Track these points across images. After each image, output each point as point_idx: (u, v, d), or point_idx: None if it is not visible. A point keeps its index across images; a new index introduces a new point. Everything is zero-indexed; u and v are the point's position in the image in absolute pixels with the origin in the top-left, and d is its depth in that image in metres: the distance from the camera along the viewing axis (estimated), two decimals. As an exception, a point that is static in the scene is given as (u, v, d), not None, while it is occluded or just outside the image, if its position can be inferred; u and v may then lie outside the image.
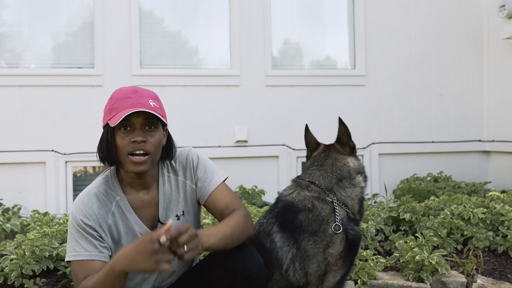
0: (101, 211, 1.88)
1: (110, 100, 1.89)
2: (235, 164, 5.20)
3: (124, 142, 1.83)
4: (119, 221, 1.91)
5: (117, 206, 1.91)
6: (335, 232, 2.07)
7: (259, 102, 5.33)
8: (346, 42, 5.66)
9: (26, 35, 5.05)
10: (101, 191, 1.92)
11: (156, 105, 1.86)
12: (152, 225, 1.97)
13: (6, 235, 3.25)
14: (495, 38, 5.65)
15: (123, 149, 1.83)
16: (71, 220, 1.87)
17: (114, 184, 1.94)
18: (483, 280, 2.85)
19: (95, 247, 1.84)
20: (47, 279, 2.66)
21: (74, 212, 1.87)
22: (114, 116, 1.82)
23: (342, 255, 2.07)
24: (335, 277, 2.08)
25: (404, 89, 5.66)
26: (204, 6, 5.35)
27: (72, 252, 1.84)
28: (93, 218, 1.86)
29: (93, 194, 1.91)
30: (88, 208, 1.87)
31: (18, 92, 4.87)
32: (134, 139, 1.82)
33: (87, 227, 1.84)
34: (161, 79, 5.11)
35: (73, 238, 1.85)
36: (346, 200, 2.16)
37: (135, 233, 1.92)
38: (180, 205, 2.01)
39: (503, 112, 5.61)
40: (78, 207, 1.87)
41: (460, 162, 5.71)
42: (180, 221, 2.00)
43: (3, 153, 4.79)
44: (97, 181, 1.96)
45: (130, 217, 1.92)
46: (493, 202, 3.45)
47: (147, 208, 1.96)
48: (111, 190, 1.93)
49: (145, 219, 1.95)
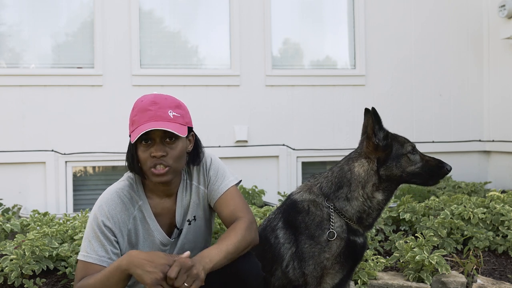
0: (123, 215, 1.87)
1: (133, 111, 1.87)
2: (235, 164, 5.20)
3: (145, 156, 1.83)
4: (140, 225, 1.91)
5: (139, 210, 1.90)
6: (329, 239, 2.03)
7: (259, 102, 5.33)
8: (346, 42, 5.66)
9: (26, 35, 5.05)
10: (126, 194, 1.90)
11: (176, 115, 1.84)
12: (169, 230, 1.97)
13: (6, 235, 3.25)
14: (495, 38, 5.64)
15: (145, 163, 1.84)
16: (92, 219, 1.85)
17: (138, 188, 1.93)
18: (483, 280, 2.85)
19: (106, 252, 1.82)
20: (47, 279, 2.65)
21: (96, 211, 1.85)
22: (135, 130, 1.82)
23: (338, 260, 2.04)
24: (333, 279, 2.07)
25: (404, 89, 5.66)
26: (204, 6, 5.35)
27: (82, 251, 1.83)
28: (115, 220, 1.84)
29: (118, 196, 1.88)
30: (112, 209, 1.85)
31: (18, 92, 4.87)
32: (154, 154, 1.82)
33: (106, 229, 1.83)
34: (161, 79, 5.11)
35: (87, 237, 1.84)
36: (343, 212, 2.08)
37: (153, 239, 1.92)
38: (193, 211, 2.02)
39: (503, 112, 5.60)
40: (101, 208, 1.85)
41: (460, 162, 5.71)
42: (191, 225, 2.01)
43: (3, 153, 4.79)
44: (122, 182, 1.94)
45: (151, 222, 1.92)
46: (493, 202, 3.45)
47: (167, 214, 1.97)
48: (135, 194, 1.91)
49: (163, 225, 1.96)
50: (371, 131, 2.08)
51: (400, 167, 2.08)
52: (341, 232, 2.06)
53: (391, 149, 2.09)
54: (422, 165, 2.10)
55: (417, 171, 2.09)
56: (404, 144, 2.12)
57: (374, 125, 2.07)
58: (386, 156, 2.08)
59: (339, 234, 2.05)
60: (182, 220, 1.99)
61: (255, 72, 5.32)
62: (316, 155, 5.40)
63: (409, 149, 2.11)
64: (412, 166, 2.09)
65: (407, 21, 5.69)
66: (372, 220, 2.12)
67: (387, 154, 2.08)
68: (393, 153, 2.09)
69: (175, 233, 1.97)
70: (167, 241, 1.94)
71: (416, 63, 5.70)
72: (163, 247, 1.94)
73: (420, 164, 2.10)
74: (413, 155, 2.11)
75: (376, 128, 2.08)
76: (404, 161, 2.08)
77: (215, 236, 3.03)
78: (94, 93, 4.98)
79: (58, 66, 5.04)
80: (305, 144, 5.40)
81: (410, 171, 2.08)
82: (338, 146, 5.38)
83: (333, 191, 2.11)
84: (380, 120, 2.09)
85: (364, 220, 2.10)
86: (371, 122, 2.07)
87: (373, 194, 2.08)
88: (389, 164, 2.08)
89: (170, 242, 1.96)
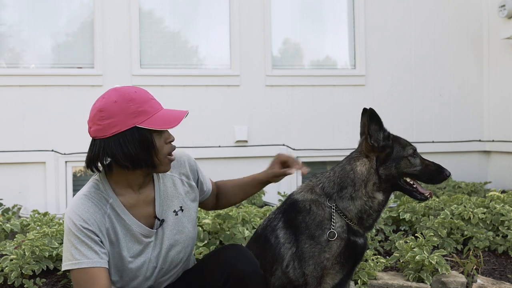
0: (98, 215, 1.85)
1: (133, 102, 1.81)
2: (235, 164, 5.20)
3: (162, 143, 1.85)
4: (116, 223, 1.89)
5: (111, 208, 1.88)
6: (330, 239, 2.04)
7: (259, 102, 5.33)
8: (346, 42, 5.66)
9: (26, 35, 5.05)
10: (93, 195, 1.87)
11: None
12: (148, 222, 1.96)
13: (6, 235, 3.25)
14: (495, 38, 5.65)
15: (162, 150, 1.85)
16: (69, 227, 1.81)
17: (105, 187, 1.90)
18: (483, 280, 2.85)
19: (96, 253, 1.79)
20: (47, 279, 2.65)
21: (71, 218, 1.81)
22: (150, 118, 1.81)
23: (339, 260, 2.05)
24: (334, 279, 2.07)
25: (404, 89, 5.67)
26: (204, 6, 5.35)
27: (72, 261, 1.78)
28: (92, 222, 1.82)
29: (87, 199, 1.86)
30: (85, 212, 1.82)
31: (18, 92, 4.87)
32: (170, 139, 1.88)
33: (88, 232, 1.80)
34: (161, 79, 5.11)
35: (72, 245, 1.79)
36: (345, 212, 2.09)
37: (133, 232, 1.91)
38: (176, 201, 2.01)
39: (503, 112, 5.61)
40: (74, 213, 1.82)
41: (460, 162, 5.71)
42: (178, 216, 2.00)
43: (3, 153, 4.79)
44: (87, 186, 1.91)
45: (125, 217, 1.90)
46: (493, 202, 3.45)
47: (142, 206, 1.94)
48: (102, 193, 1.89)
49: (141, 217, 1.94)
50: (367, 132, 2.10)
51: (399, 169, 2.09)
52: (342, 232, 2.06)
53: (391, 150, 2.11)
54: (421, 169, 2.11)
55: (416, 173, 2.11)
56: (405, 147, 2.13)
57: (369, 125, 2.08)
58: (386, 156, 2.10)
59: (340, 234, 2.05)
60: (162, 211, 1.97)
61: (255, 72, 5.32)
62: (316, 155, 5.40)
63: (410, 152, 2.11)
64: (411, 169, 2.10)
65: (407, 21, 5.70)
66: (372, 221, 2.13)
67: (387, 155, 2.10)
68: (393, 154, 2.11)
69: (156, 223, 1.96)
70: (148, 232, 1.92)
71: (416, 63, 5.70)
72: (146, 239, 1.92)
73: (420, 168, 2.11)
74: (414, 158, 2.12)
75: (372, 129, 2.09)
76: (404, 163, 2.09)
77: (215, 236, 3.03)
78: (94, 93, 4.94)
79: (58, 66, 5.05)
80: (305, 144, 5.40)
81: (409, 172, 2.10)
82: (338, 146, 5.38)
83: (337, 191, 2.11)
84: (380, 121, 2.10)
85: (365, 221, 2.11)
86: (367, 123, 2.09)
87: (374, 194, 2.09)
88: (389, 165, 2.09)
89: (153, 233, 1.94)
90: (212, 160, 5.15)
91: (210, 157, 5.13)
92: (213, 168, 5.10)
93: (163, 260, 1.97)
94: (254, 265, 1.91)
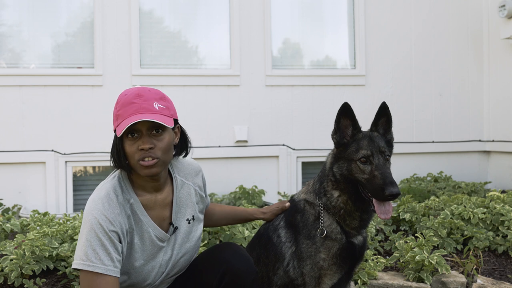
0: (123, 216, 1.82)
1: (116, 105, 1.84)
2: (235, 164, 5.20)
3: (132, 149, 1.80)
4: (134, 224, 1.87)
5: (131, 209, 1.87)
6: (320, 236, 2.03)
7: (259, 102, 5.33)
8: (346, 42, 5.66)
9: (26, 35, 5.05)
10: (119, 194, 1.84)
11: (161, 106, 1.82)
12: (163, 226, 1.95)
13: (6, 235, 3.25)
14: (495, 38, 5.65)
15: (133, 156, 1.81)
16: (92, 227, 1.75)
17: (127, 186, 1.89)
18: (483, 280, 2.85)
19: (112, 260, 1.74)
20: (47, 279, 2.65)
21: (97, 218, 1.75)
22: (120, 123, 1.79)
23: (335, 261, 2.05)
24: (332, 280, 2.08)
25: (404, 89, 5.67)
26: (204, 6, 5.35)
27: (86, 261, 1.72)
28: (117, 224, 1.78)
29: (113, 198, 1.82)
30: (111, 212, 1.78)
31: (18, 92, 4.87)
32: (141, 147, 1.79)
33: (112, 233, 1.75)
34: (161, 79, 5.11)
35: (90, 245, 1.73)
36: (329, 209, 2.07)
37: (149, 235, 1.90)
38: (190, 210, 2.03)
39: (503, 112, 5.61)
40: (100, 212, 1.77)
41: (460, 162, 5.71)
42: (190, 225, 2.01)
43: (3, 153, 4.79)
44: (111, 182, 1.88)
45: (144, 219, 1.89)
46: (493, 202, 3.45)
47: (158, 208, 1.94)
48: (124, 193, 1.87)
49: (156, 220, 1.94)
50: (335, 125, 2.07)
51: (351, 171, 2.00)
52: (332, 230, 2.06)
53: (345, 149, 2.04)
54: (367, 178, 1.96)
55: (362, 182, 1.98)
56: (360, 150, 2.00)
57: (339, 119, 2.05)
58: (339, 154, 2.06)
59: (329, 233, 2.05)
60: (176, 218, 1.98)
61: (255, 72, 5.32)
62: (316, 155, 5.40)
63: (360, 156, 1.99)
64: (359, 175, 1.98)
65: (407, 21, 5.70)
66: (358, 223, 2.07)
67: (340, 153, 2.06)
68: (346, 154, 2.03)
69: (170, 229, 1.96)
70: (163, 236, 1.92)
71: (416, 63, 5.70)
72: (160, 243, 1.92)
73: (367, 177, 1.97)
74: (364, 164, 1.98)
75: (341, 124, 2.05)
76: (354, 167, 2.00)
77: (215, 236, 3.04)
78: (94, 93, 4.98)
79: (58, 66, 5.04)
80: (305, 144, 5.40)
81: (358, 178, 1.99)
82: (338, 146, 5.37)
83: (318, 187, 2.14)
84: (353, 116, 2.05)
85: (348, 221, 2.06)
86: (336, 116, 2.05)
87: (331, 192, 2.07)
88: (341, 164, 2.04)
89: (167, 238, 1.94)
90: (212, 160, 5.15)
91: (210, 157, 5.13)
92: (213, 168, 5.10)
93: (172, 266, 1.98)
94: (248, 262, 1.92)
